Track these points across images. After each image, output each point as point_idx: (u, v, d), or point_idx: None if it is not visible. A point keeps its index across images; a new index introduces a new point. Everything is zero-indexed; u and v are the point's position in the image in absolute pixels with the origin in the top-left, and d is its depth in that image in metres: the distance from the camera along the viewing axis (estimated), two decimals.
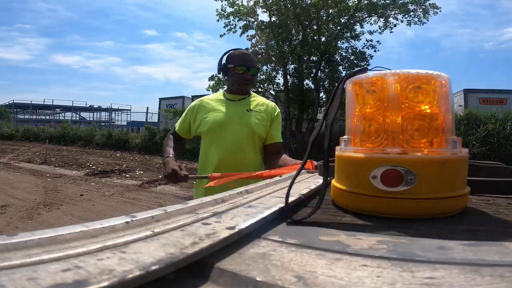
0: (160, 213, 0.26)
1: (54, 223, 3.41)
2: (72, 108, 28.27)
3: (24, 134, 16.67)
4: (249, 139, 1.34)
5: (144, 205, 4.22)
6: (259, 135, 1.36)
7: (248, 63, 1.37)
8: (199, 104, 1.43)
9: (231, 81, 1.40)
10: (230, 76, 1.40)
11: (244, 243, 0.23)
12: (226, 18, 9.62)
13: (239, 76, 1.36)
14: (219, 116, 1.35)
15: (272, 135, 1.38)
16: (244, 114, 1.36)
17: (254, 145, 1.35)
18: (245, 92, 1.42)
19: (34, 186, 5.28)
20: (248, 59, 1.38)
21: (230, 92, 1.43)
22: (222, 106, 1.39)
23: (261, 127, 1.35)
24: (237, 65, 1.36)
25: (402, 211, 0.31)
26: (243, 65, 1.36)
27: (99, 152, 10.90)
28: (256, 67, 1.41)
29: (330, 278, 0.17)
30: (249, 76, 1.38)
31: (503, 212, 0.34)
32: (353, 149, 0.36)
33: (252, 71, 1.39)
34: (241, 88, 1.39)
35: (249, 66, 1.37)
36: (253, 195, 0.37)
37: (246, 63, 1.37)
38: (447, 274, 0.17)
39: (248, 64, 1.37)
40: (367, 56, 9.56)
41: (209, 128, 1.33)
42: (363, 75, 0.37)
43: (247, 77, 1.37)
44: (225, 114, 1.36)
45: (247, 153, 1.32)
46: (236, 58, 1.38)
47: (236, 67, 1.36)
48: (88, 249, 0.18)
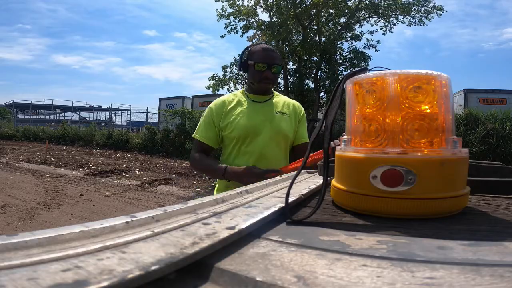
0: (160, 213, 0.26)
1: (54, 223, 3.41)
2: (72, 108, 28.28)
3: (24, 134, 16.68)
4: (281, 144, 1.26)
5: (144, 205, 4.22)
6: (290, 139, 1.29)
7: (269, 60, 1.24)
8: (219, 105, 1.29)
9: (251, 79, 1.28)
10: (251, 74, 1.28)
11: (244, 243, 0.23)
12: (226, 18, 9.63)
13: (259, 74, 1.25)
14: (248, 121, 1.24)
15: (300, 135, 1.31)
16: (274, 118, 1.27)
17: (285, 149, 1.29)
18: (267, 91, 1.31)
19: (34, 186, 5.28)
20: (270, 55, 1.25)
21: (252, 92, 1.32)
22: (248, 109, 1.27)
23: (291, 130, 1.29)
24: (258, 63, 1.24)
25: (402, 211, 0.31)
26: (264, 63, 1.23)
27: (99, 152, 10.90)
28: (279, 65, 1.27)
29: (330, 278, 0.17)
30: (271, 74, 1.25)
31: (503, 212, 0.34)
32: (353, 149, 0.36)
33: (275, 69, 1.25)
34: (261, 87, 1.28)
35: (271, 64, 1.24)
36: (253, 195, 0.37)
37: (267, 60, 1.23)
38: (447, 274, 0.17)
39: (269, 62, 1.24)
40: (367, 56, 9.57)
41: (239, 134, 1.22)
42: (363, 75, 0.37)
43: (268, 76, 1.24)
44: (254, 118, 1.25)
45: (279, 158, 1.25)
46: (257, 54, 1.25)
47: (257, 65, 1.24)
48: (88, 249, 0.18)
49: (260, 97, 1.31)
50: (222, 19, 9.65)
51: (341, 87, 0.38)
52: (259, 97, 1.31)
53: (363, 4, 8.94)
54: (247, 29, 9.80)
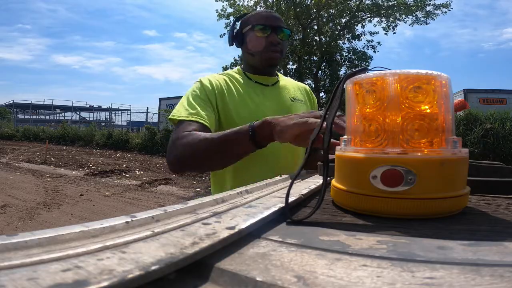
0: (160, 213, 0.26)
1: (54, 223, 3.41)
2: (72, 108, 28.30)
3: (24, 134, 16.68)
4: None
5: (144, 205, 4.22)
6: None
7: (273, 22, 0.91)
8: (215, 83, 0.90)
9: (251, 49, 0.93)
10: (249, 44, 0.93)
11: (244, 243, 0.23)
12: (226, 18, 9.63)
13: (261, 41, 0.91)
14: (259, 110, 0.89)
15: None
16: (291, 106, 0.94)
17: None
18: (273, 64, 0.96)
19: (34, 186, 5.28)
20: (273, 17, 0.93)
21: (253, 72, 0.97)
22: (255, 94, 0.93)
23: None
24: (258, 25, 0.91)
25: (402, 211, 0.31)
26: (265, 25, 0.90)
27: (99, 152, 10.89)
28: (286, 28, 0.93)
29: (330, 278, 0.17)
30: (277, 39, 0.91)
31: (503, 212, 0.34)
32: (353, 149, 0.36)
33: (282, 34, 0.92)
34: (267, 58, 0.92)
35: (276, 26, 0.91)
36: (253, 195, 0.37)
37: (270, 22, 0.91)
38: (447, 274, 0.17)
39: (273, 23, 0.91)
40: (368, 56, 9.57)
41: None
42: (363, 75, 0.37)
43: (274, 40, 0.90)
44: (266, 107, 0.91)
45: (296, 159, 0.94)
46: (255, 18, 0.93)
47: (257, 28, 0.91)
48: (88, 249, 0.18)
49: (266, 78, 0.97)
50: (222, 19, 9.65)
51: (341, 87, 0.38)
52: (265, 78, 0.97)
53: (364, 5, 8.94)
54: None
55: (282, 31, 0.92)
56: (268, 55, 0.92)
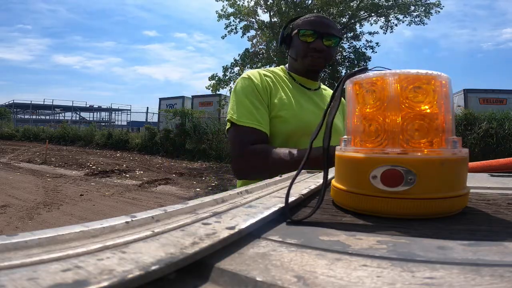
0: (160, 213, 0.26)
1: (54, 223, 3.42)
2: (72, 108, 28.31)
3: (24, 134, 16.69)
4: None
5: (144, 205, 4.22)
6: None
7: (320, 27, 0.87)
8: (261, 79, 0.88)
9: (295, 54, 0.93)
10: (294, 48, 0.92)
11: (244, 243, 0.23)
12: (226, 18, 9.62)
13: (305, 46, 0.89)
14: (303, 113, 0.87)
15: None
16: None
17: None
18: (316, 71, 0.93)
19: (34, 186, 5.28)
20: (322, 22, 0.89)
21: (297, 73, 0.96)
22: (298, 95, 0.91)
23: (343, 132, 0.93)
24: (303, 29, 0.88)
25: (402, 211, 0.31)
26: (311, 30, 0.87)
27: (99, 152, 10.90)
28: (335, 36, 0.89)
29: (330, 278, 0.17)
30: (321, 45, 0.87)
31: (503, 212, 0.34)
32: (353, 149, 0.36)
33: (329, 41, 0.88)
34: (308, 64, 0.90)
35: (322, 32, 0.87)
36: (253, 195, 0.37)
37: (316, 27, 0.87)
38: (447, 274, 0.17)
39: (320, 29, 0.87)
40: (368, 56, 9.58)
41: (292, 129, 0.84)
42: (363, 75, 0.37)
43: (318, 47, 0.87)
44: (309, 110, 0.89)
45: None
46: (303, 21, 0.90)
47: (302, 33, 0.88)
48: (88, 249, 0.18)
49: (309, 82, 0.95)
50: (222, 19, 9.65)
51: (341, 87, 0.38)
52: (308, 82, 0.95)
53: (363, 4, 8.95)
54: (248, 29, 9.80)
55: (329, 38, 0.88)
56: (309, 61, 0.90)
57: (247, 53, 9.56)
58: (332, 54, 0.93)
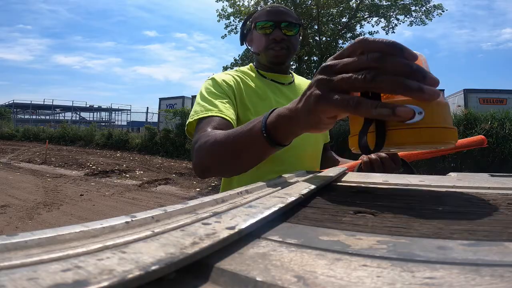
0: (160, 213, 0.26)
1: (54, 223, 3.42)
2: (72, 108, 28.30)
3: (24, 134, 16.67)
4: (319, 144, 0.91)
5: (144, 205, 4.22)
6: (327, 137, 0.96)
7: (276, 17, 0.83)
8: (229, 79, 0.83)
9: (256, 49, 0.89)
10: (254, 43, 0.90)
11: (244, 243, 0.23)
12: (226, 18, 9.62)
13: (263, 39, 0.85)
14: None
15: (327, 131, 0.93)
16: None
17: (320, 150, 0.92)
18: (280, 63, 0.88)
19: (34, 186, 5.28)
20: (277, 11, 0.84)
21: (267, 70, 0.91)
22: (271, 92, 0.86)
23: None
24: (259, 22, 0.85)
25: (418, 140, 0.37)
26: (267, 21, 0.84)
27: (99, 152, 10.89)
28: (293, 22, 0.84)
29: (330, 278, 0.17)
30: (281, 34, 0.83)
31: (503, 212, 0.34)
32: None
33: (287, 30, 0.84)
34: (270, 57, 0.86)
35: (279, 21, 0.83)
36: (253, 195, 0.37)
37: (273, 17, 0.83)
38: (447, 274, 0.17)
39: (277, 18, 0.83)
40: None
41: None
42: None
43: (277, 37, 0.83)
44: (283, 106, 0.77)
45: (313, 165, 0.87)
46: (258, 13, 0.88)
47: (259, 25, 0.85)
48: (88, 249, 0.18)
49: (281, 76, 0.91)
50: (222, 19, 9.65)
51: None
52: (280, 76, 0.91)
53: (363, 4, 8.95)
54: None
55: (288, 26, 0.83)
56: (271, 53, 0.85)
57: (247, 53, 9.56)
58: (295, 43, 0.88)
